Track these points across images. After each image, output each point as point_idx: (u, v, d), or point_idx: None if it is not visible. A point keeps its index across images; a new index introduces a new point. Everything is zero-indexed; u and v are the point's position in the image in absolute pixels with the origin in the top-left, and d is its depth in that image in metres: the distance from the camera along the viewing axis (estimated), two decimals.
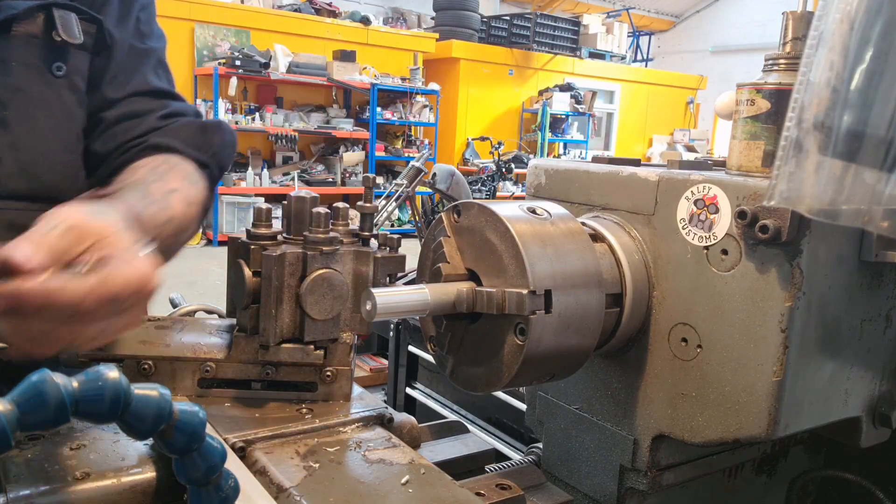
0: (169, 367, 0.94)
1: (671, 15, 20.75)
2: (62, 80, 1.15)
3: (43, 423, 0.53)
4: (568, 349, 0.95)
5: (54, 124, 1.15)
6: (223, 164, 1.31)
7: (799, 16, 1.00)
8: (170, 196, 1.07)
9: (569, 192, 1.18)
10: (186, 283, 7.65)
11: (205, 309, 1.23)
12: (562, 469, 1.24)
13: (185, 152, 1.22)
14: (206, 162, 1.25)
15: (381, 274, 1.00)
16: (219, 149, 1.29)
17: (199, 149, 1.25)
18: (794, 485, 1.34)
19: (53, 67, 1.13)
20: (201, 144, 1.26)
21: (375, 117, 11.87)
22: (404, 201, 6.26)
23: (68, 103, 1.17)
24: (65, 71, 1.14)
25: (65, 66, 1.14)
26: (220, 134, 1.30)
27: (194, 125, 1.28)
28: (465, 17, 13.50)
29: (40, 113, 1.13)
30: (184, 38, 10.49)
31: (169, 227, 1.04)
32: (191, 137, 1.25)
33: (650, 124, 17.08)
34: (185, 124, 1.27)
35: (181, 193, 1.11)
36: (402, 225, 11.87)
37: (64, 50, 1.13)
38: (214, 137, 1.28)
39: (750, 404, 0.95)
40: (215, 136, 1.29)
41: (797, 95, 0.77)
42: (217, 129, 1.31)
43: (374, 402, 0.99)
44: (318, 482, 0.79)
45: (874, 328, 1.04)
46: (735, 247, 0.94)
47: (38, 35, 1.10)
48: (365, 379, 4.05)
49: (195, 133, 1.26)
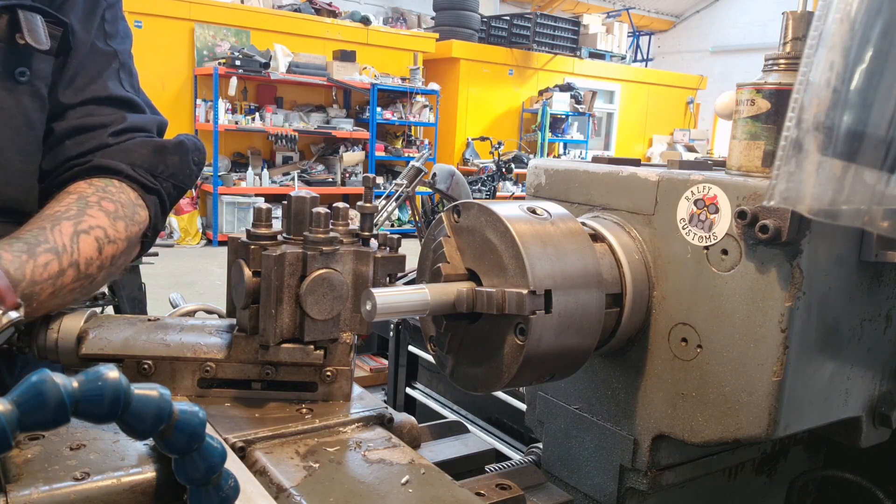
0: (169, 367, 0.94)
1: (671, 15, 20.75)
2: (24, 86, 1.08)
3: (43, 423, 0.53)
4: (568, 349, 0.95)
5: (12, 132, 1.08)
6: (183, 184, 1.23)
7: (799, 16, 1.00)
8: (75, 239, 1.00)
9: (569, 192, 1.18)
10: (186, 283, 7.65)
11: (205, 309, 1.22)
12: (562, 469, 1.24)
13: (130, 176, 1.14)
14: (154, 186, 1.17)
15: (381, 274, 1.00)
16: (177, 170, 1.21)
17: (151, 171, 1.17)
18: (794, 485, 1.34)
19: (16, 73, 1.07)
20: (154, 166, 1.18)
21: (375, 117, 11.88)
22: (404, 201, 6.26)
23: (28, 110, 1.10)
24: (28, 77, 1.08)
25: (28, 72, 1.08)
26: (180, 154, 1.22)
27: (149, 145, 1.20)
28: (465, 17, 13.50)
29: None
30: (184, 38, 10.49)
31: (61, 278, 0.97)
32: (143, 159, 1.17)
33: (650, 124, 17.08)
34: (138, 143, 1.18)
35: (95, 234, 1.03)
36: (402, 225, 11.87)
37: (27, 54, 1.07)
38: (170, 158, 1.20)
39: (750, 404, 0.95)
40: (172, 156, 1.21)
41: (797, 95, 0.77)
42: (176, 149, 1.22)
43: (374, 402, 0.99)
44: (318, 482, 0.79)
45: (874, 328, 1.04)
46: (735, 247, 0.94)
47: (2, 39, 1.04)
48: (365, 379, 4.06)
49: (149, 154, 1.18)
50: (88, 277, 1.03)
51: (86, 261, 1.01)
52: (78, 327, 0.95)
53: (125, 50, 1.26)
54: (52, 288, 0.95)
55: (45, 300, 0.95)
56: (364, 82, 11.58)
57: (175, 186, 1.22)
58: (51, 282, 0.95)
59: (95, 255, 1.03)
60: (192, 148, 1.26)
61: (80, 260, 1.01)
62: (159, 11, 10.08)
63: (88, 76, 1.18)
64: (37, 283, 0.93)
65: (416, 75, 12.38)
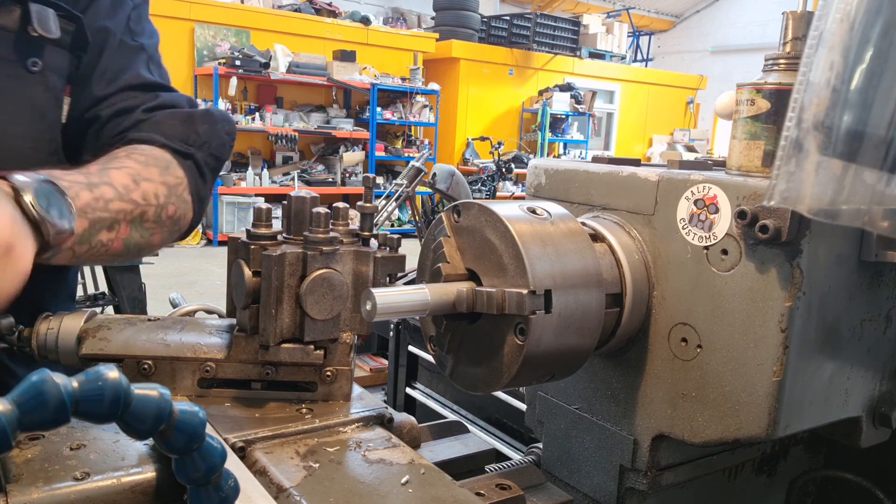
0: (169, 367, 0.94)
1: (671, 15, 20.75)
2: (36, 76, 1.12)
3: (43, 423, 0.53)
4: (568, 349, 0.95)
5: (19, 118, 1.12)
6: (217, 153, 1.26)
7: (799, 16, 1.00)
8: (105, 173, 1.04)
9: (569, 192, 1.18)
10: (186, 283, 7.65)
11: (205, 309, 1.22)
12: (562, 469, 1.24)
13: (164, 144, 1.18)
14: (189, 152, 1.21)
15: (381, 274, 1.00)
16: (208, 138, 1.25)
17: (184, 140, 1.21)
18: (794, 485, 1.34)
19: (28, 63, 1.11)
20: (186, 135, 1.22)
21: (375, 117, 11.88)
22: (404, 201, 6.26)
23: (39, 100, 1.14)
24: (40, 67, 1.12)
25: (40, 62, 1.12)
26: (209, 123, 1.26)
27: (179, 115, 1.24)
28: (465, 17, 13.51)
29: (6, 109, 1.10)
30: (184, 38, 10.49)
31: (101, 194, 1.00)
32: (173, 128, 1.21)
33: (650, 124, 17.08)
34: (168, 115, 1.23)
35: (126, 170, 1.07)
36: (402, 225, 11.87)
37: (40, 45, 1.11)
38: (200, 127, 1.24)
39: (750, 404, 0.95)
40: (202, 125, 1.25)
41: (797, 95, 0.77)
42: (205, 118, 1.26)
43: (374, 402, 0.99)
44: (318, 482, 0.79)
45: (874, 328, 1.04)
46: (735, 247, 0.94)
47: (14, 29, 1.08)
48: (365, 379, 4.06)
49: (179, 123, 1.22)
50: (132, 204, 1.06)
51: (123, 186, 1.04)
52: (78, 327, 0.95)
53: (152, 44, 1.31)
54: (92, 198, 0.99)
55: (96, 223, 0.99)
56: (364, 82, 11.58)
57: (210, 155, 1.25)
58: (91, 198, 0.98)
59: (131, 183, 1.06)
60: (220, 118, 1.30)
61: (115, 184, 1.03)
62: (159, 11, 10.04)
63: (119, 68, 1.23)
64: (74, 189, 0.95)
65: (416, 75, 12.39)
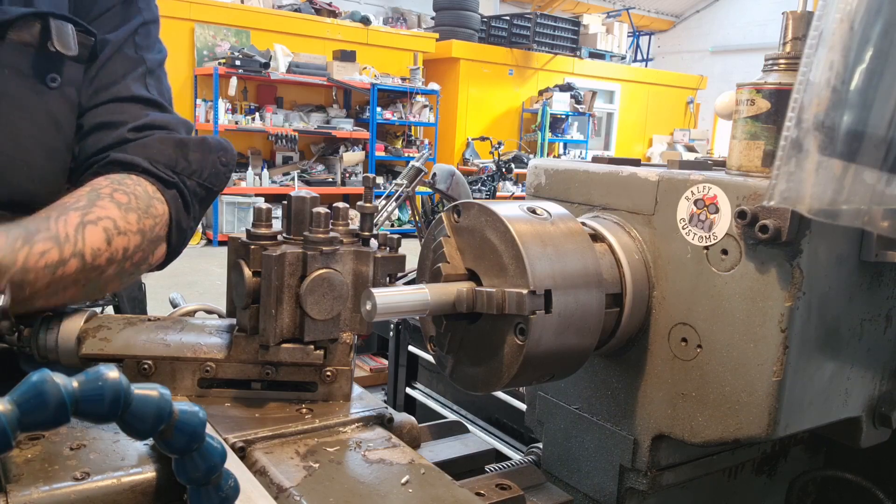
0: (169, 367, 0.94)
1: (671, 15, 20.75)
2: (55, 91, 1.12)
3: (43, 423, 0.53)
4: (568, 349, 0.95)
5: (37, 132, 1.11)
6: (209, 183, 1.21)
7: (799, 16, 1.00)
8: (80, 230, 0.99)
9: (569, 192, 1.18)
10: (186, 283, 7.65)
11: (205, 309, 1.22)
12: (562, 469, 1.24)
13: (147, 170, 1.13)
14: (174, 181, 1.16)
15: (381, 274, 1.00)
16: (200, 167, 1.20)
17: (171, 166, 1.16)
18: (794, 485, 1.34)
19: (48, 79, 1.10)
20: (174, 162, 1.16)
21: (375, 117, 11.88)
22: (404, 201, 6.26)
23: (57, 113, 1.13)
24: (59, 83, 1.12)
25: (59, 78, 1.11)
26: (203, 151, 1.21)
27: (170, 141, 1.18)
28: (465, 17, 13.51)
29: (23, 119, 1.10)
30: (184, 38, 10.49)
31: (61, 268, 0.95)
32: (162, 154, 1.16)
33: (650, 124, 17.08)
34: (158, 139, 1.17)
35: (103, 224, 1.02)
36: (402, 225, 11.87)
37: (59, 61, 1.11)
38: (192, 155, 1.19)
39: (750, 404, 0.95)
40: (194, 153, 1.19)
41: (797, 95, 0.77)
42: (199, 145, 1.21)
43: (374, 402, 0.99)
44: (318, 482, 0.79)
45: (874, 328, 1.04)
46: (735, 247, 0.94)
47: (33, 44, 1.08)
48: (365, 379, 4.06)
49: (169, 149, 1.17)
50: (96, 269, 1.01)
51: (92, 252, 1.00)
52: (78, 327, 0.95)
53: (155, 60, 1.27)
54: (50, 277, 0.94)
55: (42, 290, 0.94)
56: (364, 82, 11.58)
57: (200, 185, 1.21)
58: (48, 270, 0.94)
59: (103, 246, 1.02)
60: (216, 147, 1.25)
61: (86, 250, 0.99)
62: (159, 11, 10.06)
63: (110, 78, 1.19)
64: (30, 271, 0.92)
65: (416, 75, 12.38)
